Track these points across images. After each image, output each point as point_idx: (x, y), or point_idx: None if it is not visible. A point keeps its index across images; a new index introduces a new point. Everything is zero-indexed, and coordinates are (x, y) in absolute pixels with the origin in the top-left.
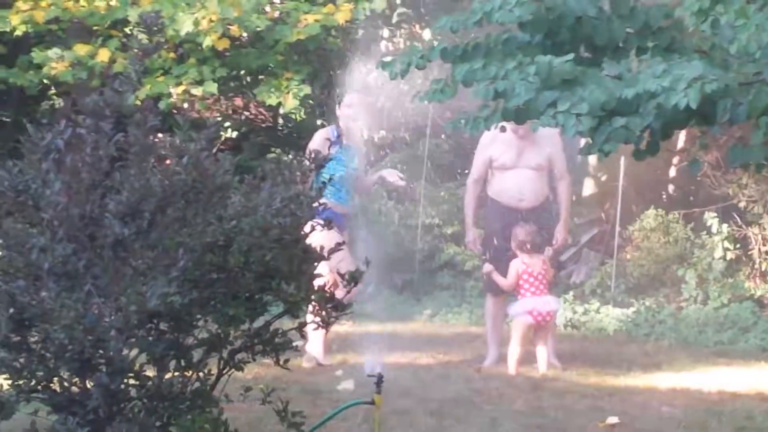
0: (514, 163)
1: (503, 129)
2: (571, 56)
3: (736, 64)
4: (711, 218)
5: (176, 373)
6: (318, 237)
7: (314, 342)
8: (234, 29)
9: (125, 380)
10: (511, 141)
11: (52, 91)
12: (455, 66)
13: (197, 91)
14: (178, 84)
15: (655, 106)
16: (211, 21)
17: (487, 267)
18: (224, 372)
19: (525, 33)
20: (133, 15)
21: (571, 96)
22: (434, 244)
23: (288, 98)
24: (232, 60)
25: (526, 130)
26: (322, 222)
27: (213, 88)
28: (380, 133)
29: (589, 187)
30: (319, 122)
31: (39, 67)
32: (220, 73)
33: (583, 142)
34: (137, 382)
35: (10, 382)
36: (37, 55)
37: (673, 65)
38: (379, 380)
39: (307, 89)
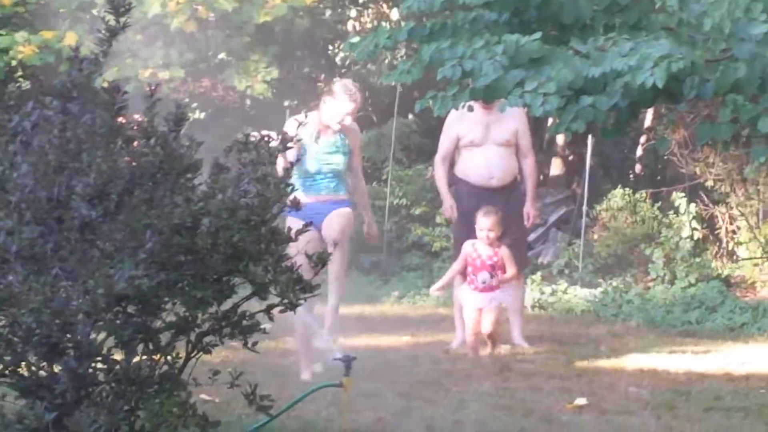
0: (482, 140)
1: (471, 108)
2: (538, 35)
3: (703, 41)
4: (678, 198)
5: (144, 357)
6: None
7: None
8: (201, 11)
9: (93, 364)
10: (478, 118)
11: (19, 73)
12: (422, 46)
13: (164, 74)
14: (146, 67)
15: (622, 85)
16: (178, 2)
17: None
18: (192, 355)
19: (492, 12)
20: None
21: (539, 75)
22: (402, 225)
23: (256, 82)
24: (200, 43)
25: (493, 104)
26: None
27: (180, 72)
28: None
29: (556, 167)
30: (285, 103)
31: (5, 50)
32: (188, 56)
33: (551, 121)
34: (105, 366)
35: None
36: (3, 39)
37: (640, 43)
38: (348, 362)
39: (274, 72)
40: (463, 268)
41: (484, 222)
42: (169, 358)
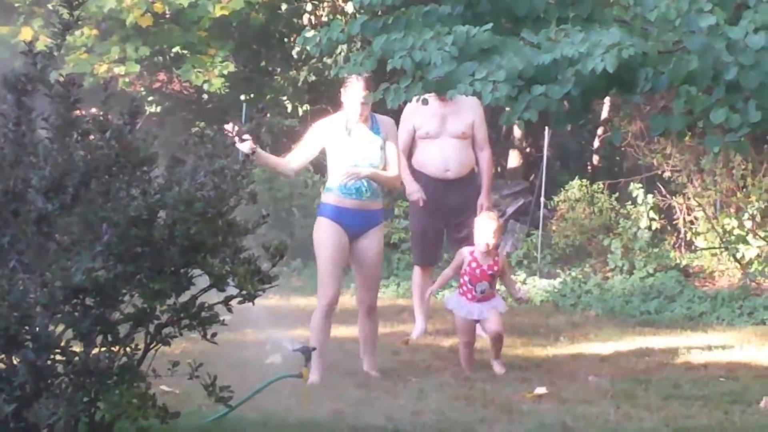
0: (438, 132)
1: (425, 101)
2: (489, 26)
3: (656, 32)
4: (636, 188)
5: (103, 349)
6: (318, 232)
7: None
8: (157, 5)
9: (52, 356)
10: (434, 110)
11: None
12: (374, 38)
13: (120, 69)
14: (102, 62)
15: (574, 72)
16: None
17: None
18: (151, 347)
19: (446, 5)
20: None
21: (489, 65)
22: None
23: (212, 76)
24: (156, 37)
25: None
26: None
27: (135, 68)
28: (305, 107)
29: (514, 159)
30: (242, 97)
31: None
32: (143, 51)
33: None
34: (64, 358)
35: None
36: None
37: (591, 33)
38: (308, 353)
39: (230, 66)
40: (454, 273)
41: (484, 230)
42: (128, 349)
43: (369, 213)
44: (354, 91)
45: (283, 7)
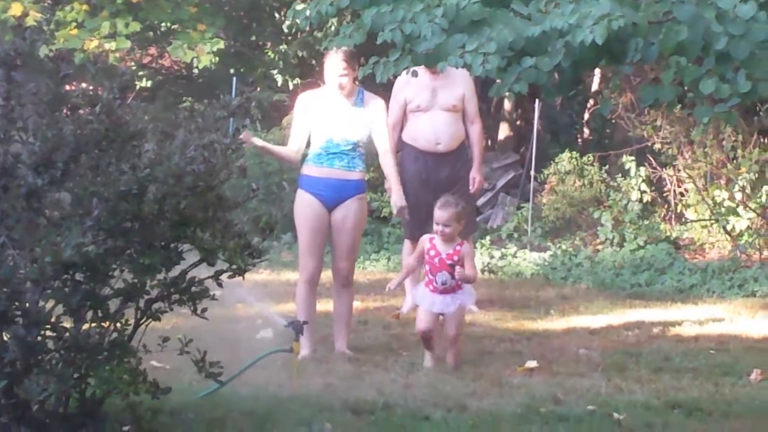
0: (428, 104)
1: (415, 74)
2: None
3: (646, 3)
4: (629, 161)
5: (93, 324)
6: (297, 205)
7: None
8: None
9: (42, 332)
10: (425, 83)
11: None
12: (364, 10)
13: (111, 45)
14: (92, 38)
15: (563, 44)
16: None
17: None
18: (141, 322)
19: None
20: None
21: (479, 36)
22: None
23: (202, 52)
24: (146, 13)
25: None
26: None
27: (126, 44)
28: (295, 81)
29: (504, 132)
30: (232, 72)
31: None
32: (134, 27)
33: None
34: (54, 334)
35: None
36: None
37: (581, 4)
38: (299, 328)
39: (220, 43)
40: (418, 262)
41: (440, 215)
42: (118, 325)
43: (345, 182)
44: (332, 64)
45: None
